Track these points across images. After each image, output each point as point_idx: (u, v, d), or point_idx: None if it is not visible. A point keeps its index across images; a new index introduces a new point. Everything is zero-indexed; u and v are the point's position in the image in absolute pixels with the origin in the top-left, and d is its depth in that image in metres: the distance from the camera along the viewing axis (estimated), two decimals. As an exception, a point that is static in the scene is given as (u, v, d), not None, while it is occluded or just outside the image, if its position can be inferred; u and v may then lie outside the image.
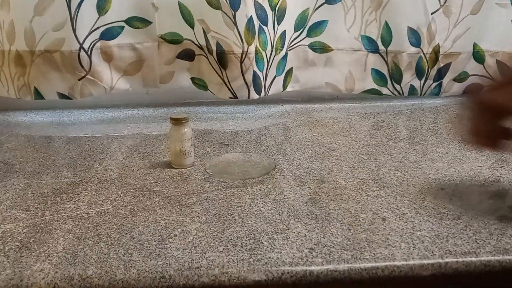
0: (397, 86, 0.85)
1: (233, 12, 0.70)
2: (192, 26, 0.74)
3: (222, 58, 0.73)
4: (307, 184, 0.49)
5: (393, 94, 0.86)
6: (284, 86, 0.83)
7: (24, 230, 0.40)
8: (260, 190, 0.48)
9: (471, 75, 0.87)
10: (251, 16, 0.70)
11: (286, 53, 0.80)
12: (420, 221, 0.41)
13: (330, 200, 0.45)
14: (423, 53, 0.81)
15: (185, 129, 0.52)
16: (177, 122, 0.51)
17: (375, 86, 0.84)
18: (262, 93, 0.78)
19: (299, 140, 0.65)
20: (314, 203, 0.45)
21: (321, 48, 0.81)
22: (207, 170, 0.52)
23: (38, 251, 0.37)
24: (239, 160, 0.57)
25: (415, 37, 0.80)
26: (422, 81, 0.85)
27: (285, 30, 0.77)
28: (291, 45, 0.80)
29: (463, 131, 0.43)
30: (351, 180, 0.50)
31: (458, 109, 0.82)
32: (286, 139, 0.66)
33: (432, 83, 0.86)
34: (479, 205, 0.44)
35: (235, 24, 0.70)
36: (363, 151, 0.60)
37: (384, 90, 0.85)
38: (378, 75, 0.83)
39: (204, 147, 0.62)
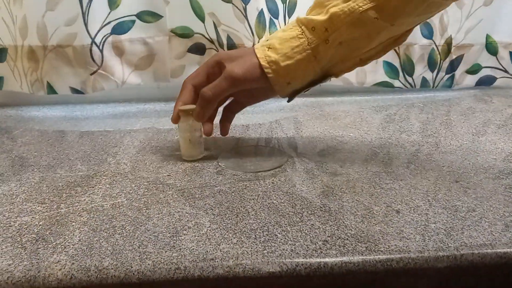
0: (409, 79, 0.84)
1: (244, 5, 0.69)
2: (202, 20, 0.74)
3: (233, 52, 0.73)
4: (320, 177, 0.49)
5: (405, 86, 0.85)
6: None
7: (40, 223, 0.41)
8: (272, 183, 0.48)
9: (484, 67, 0.86)
10: (261, 9, 0.70)
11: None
12: (435, 213, 0.41)
13: (343, 192, 0.45)
14: (435, 45, 0.81)
15: (193, 120, 0.52)
16: (186, 113, 0.51)
17: (387, 79, 0.84)
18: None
19: (310, 134, 0.64)
20: (327, 195, 0.45)
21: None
22: (219, 164, 0.52)
23: (54, 243, 0.37)
24: (251, 153, 0.57)
25: (427, 29, 0.79)
26: (435, 73, 0.84)
27: (296, 23, 0.77)
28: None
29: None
30: (364, 173, 0.50)
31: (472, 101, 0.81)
32: (298, 132, 0.65)
33: (445, 75, 0.85)
34: (494, 197, 0.44)
35: (246, 17, 0.70)
36: (375, 143, 0.60)
37: (396, 83, 0.84)
38: (389, 68, 0.83)
39: (216, 141, 0.62)
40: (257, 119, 0.72)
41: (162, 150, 0.59)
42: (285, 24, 0.75)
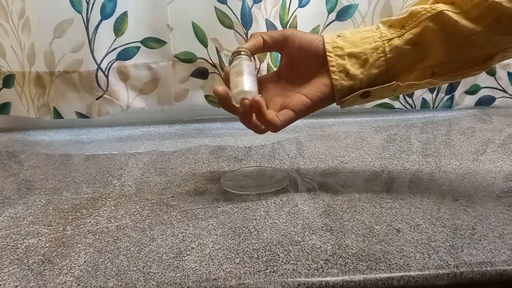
0: (409, 100, 0.85)
1: (245, 30, 0.71)
2: (205, 45, 0.77)
3: (235, 75, 0.75)
4: (321, 197, 0.50)
5: (405, 107, 0.86)
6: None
7: (47, 245, 0.41)
8: (274, 203, 0.49)
9: (483, 87, 0.87)
10: (262, 34, 0.72)
11: (298, 69, 0.82)
12: (435, 232, 0.41)
13: (344, 212, 0.46)
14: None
15: (244, 59, 0.46)
16: (236, 54, 0.47)
17: (388, 101, 0.85)
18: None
19: (311, 154, 0.65)
20: (328, 215, 0.45)
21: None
22: (222, 185, 0.53)
23: (60, 265, 0.38)
24: (253, 174, 0.58)
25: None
26: (434, 94, 0.86)
27: (296, 47, 0.79)
28: (302, 61, 0.82)
29: None
30: (364, 193, 0.51)
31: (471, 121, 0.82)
32: (299, 153, 0.66)
33: (444, 96, 0.86)
34: (494, 216, 0.44)
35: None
36: (376, 164, 0.61)
37: (396, 104, 0.86)
38: (389, 89, 0.84)
39: (219, 162, 0.63)
40: (259, 140, 0.73)
41: (166, 172, 0.60)
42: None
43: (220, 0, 0.70)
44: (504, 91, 0.87)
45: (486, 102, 0.88)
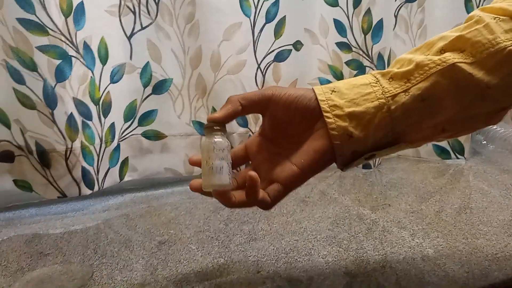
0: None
1: (50, 110, 0.67)
2: (8, 127, 0.70)
3: (44, 157, 0.69)
4: (127, 290, 0.47)
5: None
6: (121, 176, 0.82)
7: None
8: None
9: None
10: (71, 113, 0.69)
11: (119, 144, 0.80)
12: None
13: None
14: (252, 132, 0.87)
15: (215, 139, 0.41)
16: (208, 131, 0.42)
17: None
18: (96, 187, 0.75)
19: (130, 237, 0.62)
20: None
21: (155, 136, 0.83)
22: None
23: None
24: (56, 273, 0.52)
25: (242, 118, 0.86)
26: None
27: (113, 122, 0.77)
28: (123, 135, 0.80)
29: None
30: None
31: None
32: (117, 236, 0.63)
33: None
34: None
35: (54, 122, 0.68)
36: (193, 240, 0.60)
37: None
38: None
39: (19, 262, 0.56)
40: (77, 224, 0.68)
41: None
42: (100, 124, 0.74)
43: (18, 81, 0.65)
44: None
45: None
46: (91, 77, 0.71)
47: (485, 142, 1.06)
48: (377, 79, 0.41)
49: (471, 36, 0.38)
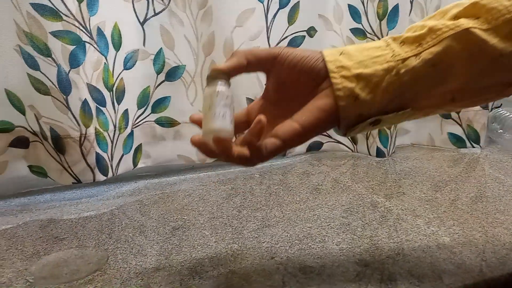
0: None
1: (64, 96, 0.67)
2: (23, 112, 0.70)
3: (58, 143, 0.70)
4: (144, 274, 0.47)
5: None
6: (135, 163, 0.82)
7: None
8: (86, 292, 0.45)
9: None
10: (85, 99, 0.69)
11: (132, 131, 0.80)
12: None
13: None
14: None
15: (219, 87, 0.39)
16: (211, 79, 0.40)
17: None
18: (110, 174, 0.76)
19: (144, 222, 0.63)
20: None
21: (168, 123, 0.83)
22: (27, 278, 0.47)
23: None
24: (72, 257, 0.53)
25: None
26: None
27: (127, 109, 0.77)
28: (136, 122, 0.80)
29: None
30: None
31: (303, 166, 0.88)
32: (131, 222, 0.63)
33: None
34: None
35: (68, 108, 0.68)
36: (206, 226, 0.61)
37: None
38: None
39: (35, 246, 0.57)
40: (92, 210, 0.68)
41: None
42: (114, 110, 0.75)
43: (32, 66, 0.66)
44: (329, 136, 0.95)
45: (315, 147, 0.95)
46: (104, 63, 0.71)
47: (501, 131, 1.05)
48: (388, 43, 0.40)
49: (487, 2, 0.37)
